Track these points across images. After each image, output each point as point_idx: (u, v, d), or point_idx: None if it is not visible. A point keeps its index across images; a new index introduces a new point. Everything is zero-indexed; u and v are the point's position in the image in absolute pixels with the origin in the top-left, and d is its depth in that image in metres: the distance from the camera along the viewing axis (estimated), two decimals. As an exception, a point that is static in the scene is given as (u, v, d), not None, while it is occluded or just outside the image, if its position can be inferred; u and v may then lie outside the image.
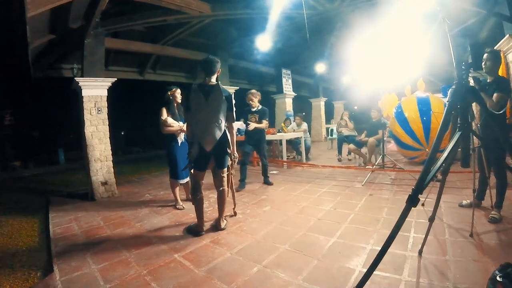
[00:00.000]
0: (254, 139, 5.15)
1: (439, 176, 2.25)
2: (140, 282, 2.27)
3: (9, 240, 3.62)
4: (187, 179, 4.25)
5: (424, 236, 2.28)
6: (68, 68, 6.86)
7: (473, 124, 2.08)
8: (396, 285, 1.94)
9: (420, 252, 2.28)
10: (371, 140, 6.08)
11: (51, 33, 5.49)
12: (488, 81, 3.09)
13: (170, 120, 3.97)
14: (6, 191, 7.04)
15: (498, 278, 1.58)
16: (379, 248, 2.35)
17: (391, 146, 7.74)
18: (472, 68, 1.99)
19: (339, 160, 7.48)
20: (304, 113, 9.77)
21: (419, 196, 1.71)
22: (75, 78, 5.11)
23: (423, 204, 3.34)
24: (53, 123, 18.10)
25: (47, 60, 6.62)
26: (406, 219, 1.72)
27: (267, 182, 5.26)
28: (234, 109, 3.08)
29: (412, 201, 1.70)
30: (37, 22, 4.54)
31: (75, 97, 5.46)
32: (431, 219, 2.20)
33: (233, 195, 3.64)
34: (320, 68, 9.64)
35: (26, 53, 5.42)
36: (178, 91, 4.12)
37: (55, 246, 3.13)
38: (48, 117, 18.00)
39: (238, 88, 8.59)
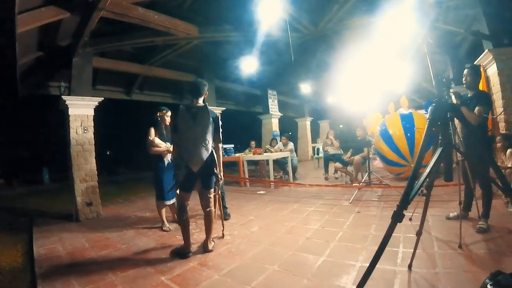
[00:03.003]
0: None
1: (424, 191, 2.30)
2: (126, 306, 2.20)
3: None
4: (173, 200, 4.19)
5: (412, 250, 2.29)
6: (55, 86, 6.80)
7: (456, 138, 2.16)
8: (387, 301, 1.94)
9: (410, 266, 2.30)
10: (357, 158, 6.17)
11: (39, 50, 5.50)
12: (469, 95, 3.22)
13: (157, 141, 3.97)
14: None
15: (488, 286, 1.62)
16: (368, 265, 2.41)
17: (377, 163, 7.87)
18: (453, 84, 2.09)
19: (326, 178, 7.55)
20: (290, 133, 9.90)
21: (406, 211, 1.75)
22: (62, 97, 5.09)
23: (410, 219, 3.38)
24: (38, 142, 17.78)
25: (34, 78, 6.59)
26: (394, 234, 1.76)
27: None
28: (221, 130, 3.12)
29: (398, 216, 1.73)
30: (26, 38, 4.57)
31: (62, 116, 5.42)
32: (419, 233, 2.23)
33: (221, 216, 3.63)
34: (305, 88, 9.83)
35: (14, 70, 5.38)
36: (168, 113, 4.14)
37: (39, 268, 3.06)
38: (33, 135, 17.67)
39: (224, 109, 8.67)
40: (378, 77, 7.80)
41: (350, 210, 4.35)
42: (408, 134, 5.81)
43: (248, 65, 6.96)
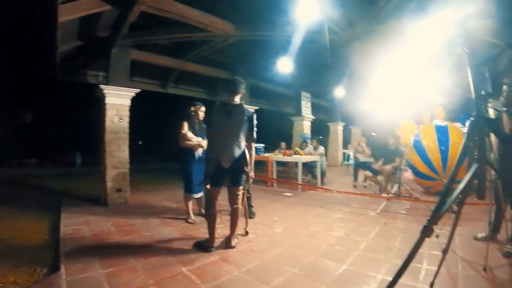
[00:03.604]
0: None
1: (455, 208, 2.20)
2: (145, 291, 2.26)
3: (18, 234, 3.70)
4: (201, 193, 4.27)
5: (436, 268, 2.18)
6: (92, 75, 7.06)
7: (491, 155, 2.04)
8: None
9: (432, 284, 2.18)
10: (388, 167, 5.97)
11: (79, 39, 5.69)
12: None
13: (189, 134, 4.03)
14: (20, 186, 7.20)
15: None
16: (390, 278, 2.29)
17: (408, 174, 7.58)
18: (491, 98, 1.97)
19: (355, 186, 7.39)
20: (321, 137, 9.73)
21: (434, 227, 1.67)
22: (100, 86, 5.25)
23: (437, 236, 3.21)
24: (72, 126, 18.57)
25: (73, 65, 6.82)
26: (419, 250, 1.68)
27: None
28: (255, 129, 3.12)
29: (426, 232, 1.66)
30: (67, 28, 4.75)
31: (97, 104, 5.62)
32: (445, 251, 2.12)
33: (246, 214, 3.62)
34: (339, 92, 9.65)
35: (54, 57, 5.66)
36: (202, 108, 4.19)
37: (64, 246, 3.18)
38: (68, 120, 18.48)
39: (257, 108, 8.68)
40: (414, 85, 7.52)
41: (377, 220, 4.23)
42: (442, 148, 5.56)
43: (283, 66, 6.92)
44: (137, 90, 5.57)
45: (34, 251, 3.19)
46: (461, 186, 1.87)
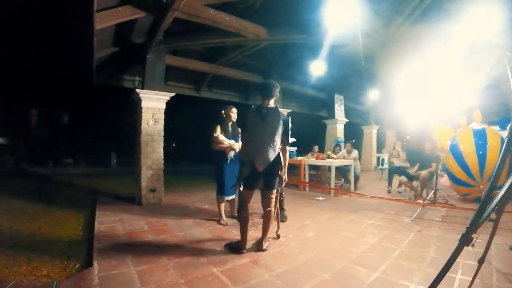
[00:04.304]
0: None
1: (493, 216, 2.08)
2: (176, 290, 2.31)
3: (53, 229, 3.86)
4: (233, 196, 4.33)
5: (471, 278, 2.08)
6: (128, 79, 7.33)
7: None
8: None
9: None
10: (424, 173, 5.74)
11: (114, 46, 5.94)
12: None
13: (221, 137, 4.08)
14: (56, 184, 7.58)
15: None
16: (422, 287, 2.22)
17: (444, 180, 7.25)
18: None
19: (389, 192, 7.16)
20: (354, 140, 9.51)
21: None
22: (136, 90, 5.44)
23: (473, 245, 3.05)
24: (108, 128, 19.37)
25: (109, 70, 7.12)
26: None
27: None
28: (290, 132, 3.12)
29: (466, 240, 1.59)
30: (103, 35, 4.98)
31: (133, 107, 5.83)
32: (481, 261, 2.01)
33: (278, 218, 3.62)
34: (373, 95, 9.40)
35: (91, 62, 5.95)
36: (234, 110, 4.22)
37: (97, 242, 3.29)
38: (104, 121, 19.30)
39: (290, 111, 8.67)
40: (449, 87, 7.19)
41: (411, 228, 4.08)
42: (480, 152, 5.28)
43: (315, 69, 6.86)
44: (172, 94, 5.74)
45: (68, 247, 3.32)
46: (501, 193, 1.77)
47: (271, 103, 3.11)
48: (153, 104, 5.53)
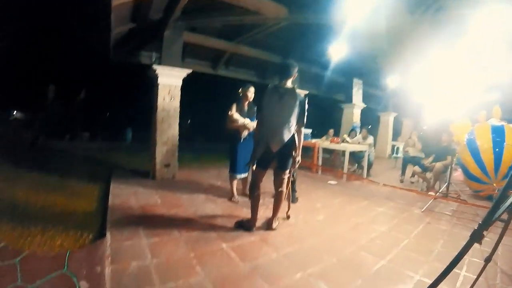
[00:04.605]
0: None
1: (504, 216, 2.04)
2: (186, 263, 2.39)
3: (68, 201, 3.94)
4: (245, 174, 4.36)
5: (475, 276, 2.07)
6: (145, 56, 7.29)
7: None
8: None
9: None
10: (438, 165, 5.65)
11: (132, 22, 5.85)
12: None
13: (236, 116, 4.07)
14: (72, 157, 7.72)
15: None
16: (427, 280, 2.27)
17: (457, 174, 7.13)
18: None
19: (401, 181, 7.08)
20: (370, 126, 9.33)
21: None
22: (153, 66, 5.41)
23: (480, 243, 3.02)
24: (125, 104, 19.58)
25: (126, 46, 7.06)
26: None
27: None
28: (306, 114, 3.08)
29: (477, 236, 1.58)
30: (121, 11, 4.92)
31: (150, 83, 5.84)
32: (487, 260, 1.99)
33: (289, 199, 3.65)
34: (392, 81, 9.16)
35: (108, 38, 5.94)
36: (251, 89, 4.19)
37: (111, 215, 3.38)
38: (121, 97, 19.50)
39: (307, 92, 8.53)
40: (472, 80, 6.96)
41: (421, 219, 4.06)
42: (497, 149, 5.14)
43: (335, 51, 6.70)
44: (189, 71, 5.70)
45: (82, 218, 3.38)
46: None
47: (289, 84, 3.07)
48: (170, 80, 5.52)
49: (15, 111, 16.20)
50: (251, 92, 4.18)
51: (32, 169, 5.54)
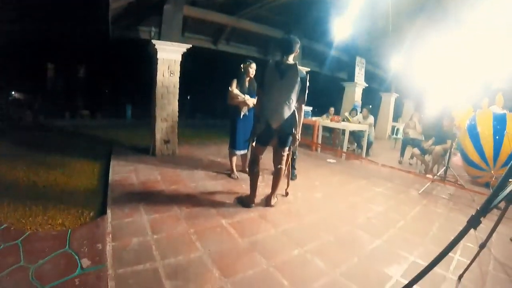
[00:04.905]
0: None
1: (501, 204, 2.06)
2: (186, 239, 2.42)
3: (69, 179, 3.94)
4: (245, 151, 4.36)
5: (469, 261, 2.12)
6: (144, 30, 7.12)
7: None
8: (429, 303, 1.85)
9: (460, 277, 2.14)
10: (438, 148, 5.65)
11: None
12: None
13: (236, 92, 4.03)
14: (72, 136, 7.67)
15: None
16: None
17: (456, 159, 7.15)
18: None
19: (400, 162, 7.10)
20: (371, 106, 9.24)
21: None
22: (152, 41, 5.30)
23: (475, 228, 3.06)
24: (124, 80, 19.39)
25: (125, 21, 6.86)
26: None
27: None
28: (307, 91, 3.03)
29: (474, 222, 1.58)
30: None
31: (149, 59, 5.74)
32: (482, 246, 2.02)
33: (288, 176, 3.67)
34: (396, 62, 9.00)
35: (107, 13, 5.75)
36: (253, 66, 4.11)
37: (111, 192, 3.37)
38: (120, 74, 19.30)
39: (309, 69, 8.38)
40: (475, 66, 6.87)
41: (417, 201, 4.09)
42: (497, 137, 5.11)
43: (340, 28, 6.52)
44: (189, 46, 5.58)
45: (83, 196, 3.38)
46: None
47: (290, 60, 3.00)
48: (169, 55, 5.42)
49: (13, 92, 16.06)
50: (252, 68, 4.11)
51: (32, 149, 5.52)
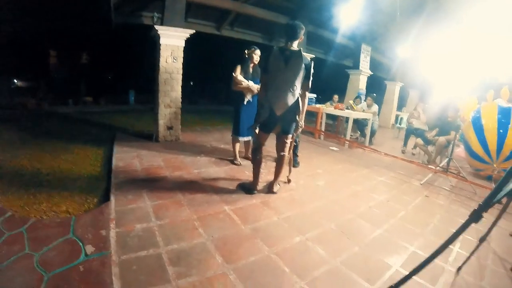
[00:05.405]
0: None
1: (504, 199, 2.05)
2: (189, 225, 2.44)
3: (73, 166, 3.94)
4: (249, 137, 4.35)
5: (468, 254, 2.14)
6: (148, 16, 7.05)
7: None
8: (428, 294, 1.88)
9: (459, 269, 2.16)
10: (441, 139, 5.62)
11: None
12: None
13: (240, 78, 3.99)
14: (76, 122, 7.64)
15: None
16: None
17: (459, 151, 7.12)
18: None
19: (403, 152, 7.08)
20: (375, 94, 9.15)
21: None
22: (155, 26, 5.22)
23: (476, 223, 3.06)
24: (127, 66, 19.29)
25: (128, 7, 6.81)
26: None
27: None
28: (311, 78, 2.99)
29: (476, 217, 1.58)
30: None
31: (152, 45, 5.67)
32: (481, 240, 2.04)
33: (290, 163, 3.67)
34: (402, 50, 8.86)
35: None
36: (257, 52, 4.07)
37: (115, 178, 3.38)
38: (123, 60, 19.18)
39: (314, 56, 8.26)
40: (483, 58, 6.78)
41: (419, 191, 4.09)
42: (501, 131, 5.07)
43: (346, 14, 6.41)
44: (192, 31, 5.50)
45: (87, 183, 3.39)
46: None
47: (295, 46, 2.95)
48: (172, 41, 5.34)
49: (16, 80, 16.03)
50: (256, 55, 4.07)
51: (36, 136, 5.51)
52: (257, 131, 3.17)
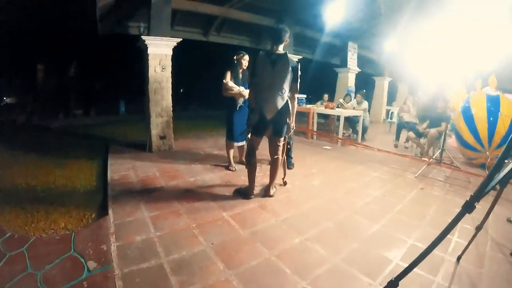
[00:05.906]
0: None
1: (498, 187, 2.10)
2: (188, 233, 2.45)
3: (67, 181, 3.90)
4: (243, 142, 4.36)
5: (466, 243, 2.16)
6: (134, 26, 7.04)
7: None
8: (428, 285, 1.91)
9: (459, 258, 2.19)
10: (433, 131, 5.69)
11: None
12: None
13: (231, 84, 4.01)
14: (67, 136, 7.54)
15: None
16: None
17: (451, 141, 7.21)
18: None
19: (396, 146, 7.14)
20: (365, 91, 9.23)
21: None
22: (142, 36, 5.21)
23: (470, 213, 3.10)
24: (116, 76, 19.16)
25: (114, 17, 6.80)
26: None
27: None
28: (299, 80, 3.04)
29: (469, 207, 1.61)
30: None
31: (140, 54, 5.66)
32: (479, 228, 2.07)
33: (284, 165, 3.68)
34: (389, 46, 8.96)
35: (94, 10, 5.67)
36: (246, 57, 4.09)
37: (111, 191, 3.36)
38: (111, 70, 19.05)
39: (301, 57, 8.31)
40: (469, 47, 6.87)
41: (414, 184, 4.14)
42: (491, 119, 5.17)
43: (331, 13, 6.46)
44: (179, 40, 5.50)
45: (83, 197, 3.37)
46: (511, 165, 1.77)
47: (280, 49, 2.99)
48: (160, 50, 5.34)
49: (5, 97, 15.85)
50: (245, 60, 4.09)
51: (28, 151, 5.44)
52: (249, 135, 3.19)
